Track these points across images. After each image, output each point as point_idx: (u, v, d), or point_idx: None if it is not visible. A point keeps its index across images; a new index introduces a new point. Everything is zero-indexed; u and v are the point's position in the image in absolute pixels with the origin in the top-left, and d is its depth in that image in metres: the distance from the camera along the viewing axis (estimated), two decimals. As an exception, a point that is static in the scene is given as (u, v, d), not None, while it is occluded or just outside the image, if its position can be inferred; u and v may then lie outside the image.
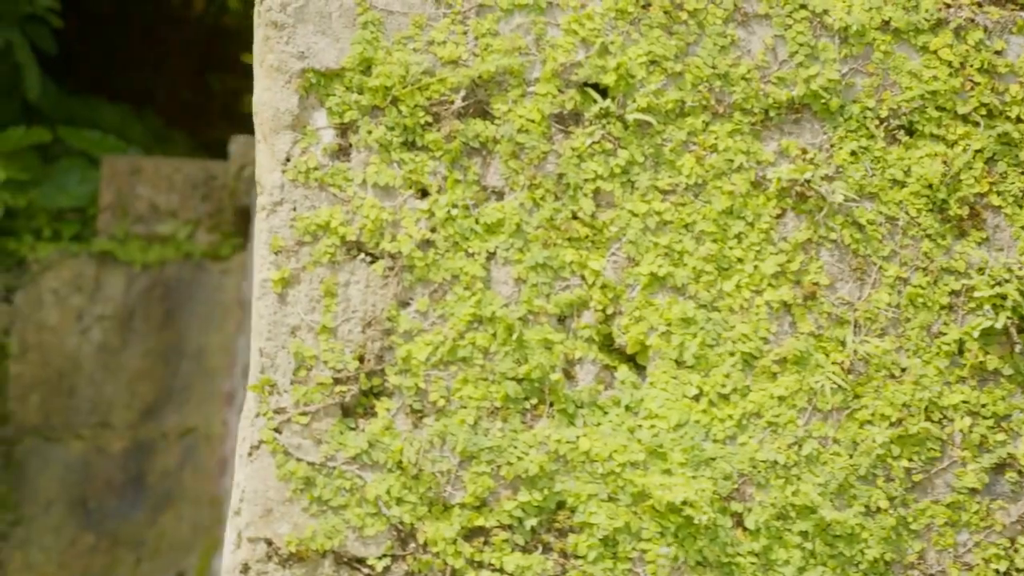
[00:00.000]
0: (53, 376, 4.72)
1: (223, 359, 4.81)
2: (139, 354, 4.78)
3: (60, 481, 4.65)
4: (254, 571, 1.05)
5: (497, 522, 1.08)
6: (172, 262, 4.87)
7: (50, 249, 4.80)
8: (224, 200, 4.98)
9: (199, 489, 4.70)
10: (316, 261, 1.10)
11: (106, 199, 4.92)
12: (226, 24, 9.10)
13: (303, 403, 1.08)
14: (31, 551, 4.58)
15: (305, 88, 1.13)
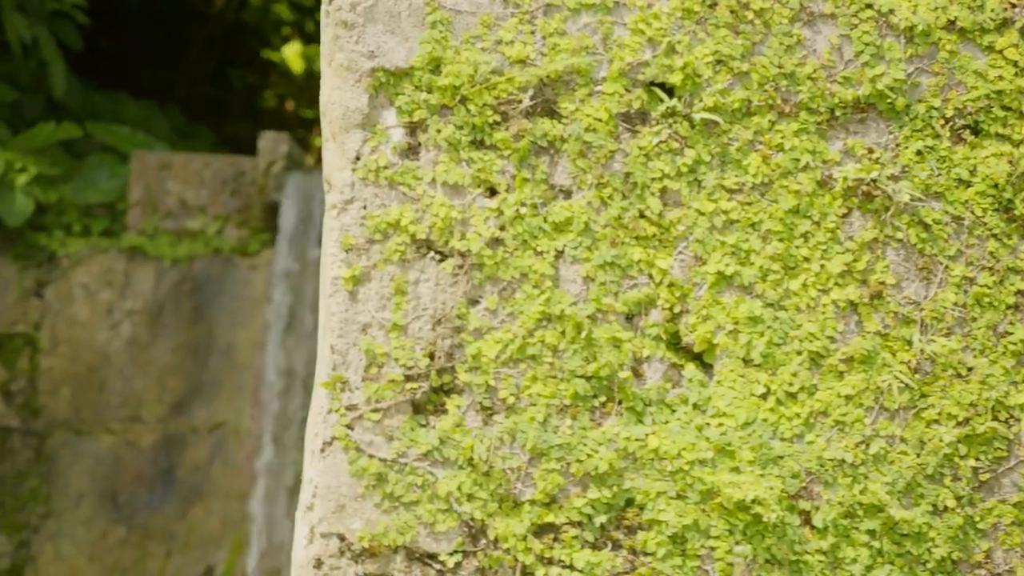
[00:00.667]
0: (83, 370, 4.75)
1: (252, 354, 4.84)
2: (169, 349, 4.81)
3: (90, 474, 4.68)
4: (327, 566, 1.05)
5: (567, 519, 1.09)
6: (201, 257, 4.89)
7: (80, 244, 4.82)
8: (253, 196, 5.00)
9: (228, 483, 4.72)
10: (386, 259, 1.11)
11: (135, 194, 4.94)
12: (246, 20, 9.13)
13: (375, 400, 1.09)
14: (62, 544, 4.61)
15: (375, 87, 1.13)
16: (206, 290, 4.88)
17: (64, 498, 4.64)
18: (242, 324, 4.85)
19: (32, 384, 4.69)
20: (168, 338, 4.80)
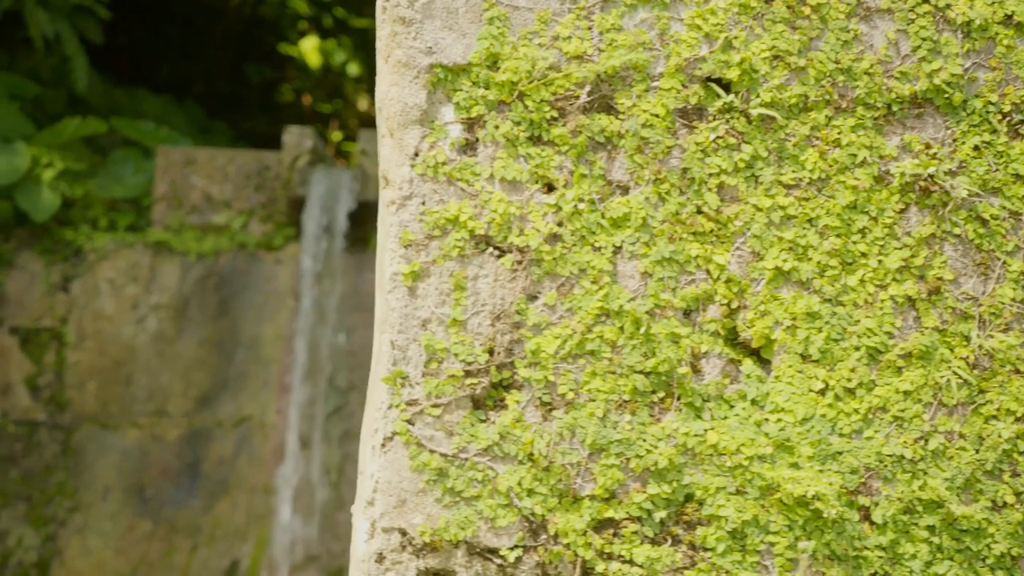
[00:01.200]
0: (110, 365, 4.77)
1: (277, 348, 4.85)
2: (194, 343, 4.82)
3: (117, 468, 4.70)
4: (388, 560, 1.06)
5: (626, 514, 1.09)
6: (226, 252, 4.90)
7: (106, 239, 4.84)
8: (277, 190, 5.01)
9: (254, 477, 4.74)
10: (445, 255, 1.11)
11: (160, 189, 4.96)
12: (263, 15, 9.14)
13: (435, 395, 1.09)
14: (89, 537, 4.63)
15: (433, 83, 1.14)
16: (231, 284, 4.89)
17: (91, 492, 4.66)
18: (267, 318, 4.87)
19: (59, 378, 4.71)
20: (193, 332, 4.82)
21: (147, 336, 4.79)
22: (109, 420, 4.72)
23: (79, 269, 4.81)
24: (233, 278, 4.91)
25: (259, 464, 4.73)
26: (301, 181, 4.81)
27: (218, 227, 4.94)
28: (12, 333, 4.74)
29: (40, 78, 6.02)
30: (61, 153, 5.03)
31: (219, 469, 4.73)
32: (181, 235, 4.89)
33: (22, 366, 4.72)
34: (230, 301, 4.88)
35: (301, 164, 4.82)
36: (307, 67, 8.98)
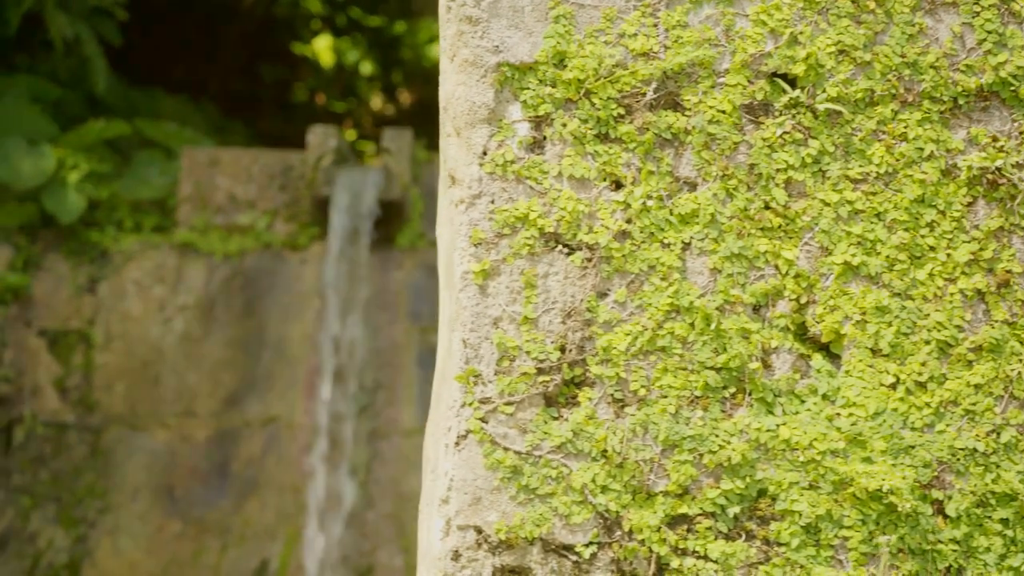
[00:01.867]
0: (137, 366, 4.78)
1: (303, 348, 4.86)
2: (221, 343, 4.84)
3: (146, 469, 4.72)
4: (465, 558, 1.06)
5: (700, 510, 1.09)
6: (251, 252, 4.92)
7: (132, 240, 4.86)
8: (301, 190, 5.02)
9: (282, 477, 4.75)
10: (516, 253, 1.12)
11: (185, 190, 4.97)
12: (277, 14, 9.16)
13: (508, 393, 1.09)
14: (119, 538, 4.65)
15: (500, 82, 1.14)
16: (257, 285, 4.91)
17: (120, 493, 4.68)
18: (293, 318, 4.88)
19: (87, 380, 4.73)
20: (220, 333, 4.83)
21: (174, 337, 4.81)
22: (137, 421, 4.74)
23: (106, 271, 4.83)
24: (259, 278, 4.92)
25: (287, 464, 4.75)
26: (326, 180, 4.82)
27: (243, 227, 4.95)
28: (40, 335, 4.76)
29: (59, 80, 6.04)
30: (86, 155, 5.05)
31: (248, 469, 4.74)
32: (206, 236, 4.90)
33: (50, 368, 4.74)
34: (256, 301, 4.90)
35: (326, 163, 4.83)
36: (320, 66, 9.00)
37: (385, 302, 4.98)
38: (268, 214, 4.97)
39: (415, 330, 4.94)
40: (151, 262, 4.85)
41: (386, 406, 4.86)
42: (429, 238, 5.05)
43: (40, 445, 4.67)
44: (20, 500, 4.60)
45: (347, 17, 9.30)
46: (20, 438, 4.66)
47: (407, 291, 4.99)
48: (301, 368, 4.82)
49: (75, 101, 6.09)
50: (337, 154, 4.91)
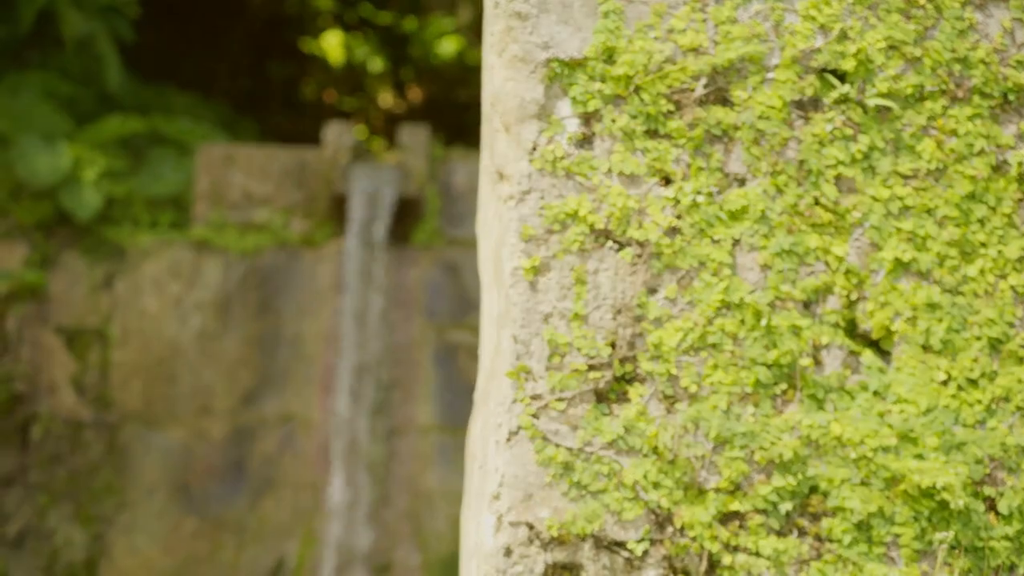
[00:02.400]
0: (154, 363, 4.78)
1: (319, 345, 4.86)
2: (237, 341, 4.83)
3: (162, 467, 4.72)
4: (516, 554, 1.06)
5: (752, 506, 1.09)
6: (267, 249, 4.92)
7: (148, 237, 4.86)
8: (317, 187, 5.01)
9: (298, 474, 4.75)
10: (566, 249, 1.11)
11: (201, 187, 4.97)
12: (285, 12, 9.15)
13: (559, 389, 1.09)
14: (136, 535, 4.66)
15: (550, 78, 1.14)
16: (273, 282, 4.90)
17: (137, 490, 4.68)
18: (309, 315, 4.88)
19: (104, 377, 4.73)
20: (236, 330, 4.83)
21: (191, 334, 4.80)
22: (154, 418, 4.74)
23: (122, 268, 4.83)
24: (275, 275, 4.92)
25: (304, 461, 4.75)
26: (342, 177, 4.81)
27: (259, 224, 4.95)
28: (57, 333, 4.76)
29: (71, 77, 6.04)
30: (101, 152, 5.05)
31: (264, 466, 4.74)
32: (223, 233, 4.90)
33: (67, 365, 4.74)
34: (272, 298, 4.90)
35: (342, 160, 4.83)
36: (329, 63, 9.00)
37: (401, 299, 4.98)
38: (284, 211, 4.97)
39: (431, 327, 4.94)
40: (167, 259, 4.85)
41: (402, 403, 4.86)
42: (445, 235, 5.04)
43: (57, 443, 4.68)
44: (37, 498, 4.61)
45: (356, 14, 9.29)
46: (37, 436, 4.67)
47: (423, 288, 4.99)
48: (317, 365, 4.82)
49: (87, 98, 6.09)
50: (353, 151, 4.91)
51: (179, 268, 4.86)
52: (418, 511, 4.77)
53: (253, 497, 4.70)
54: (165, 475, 4.69)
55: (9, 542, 4.57)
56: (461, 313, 4.97)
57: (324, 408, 4.79)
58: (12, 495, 4.62)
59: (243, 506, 4.69)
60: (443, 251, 5.02)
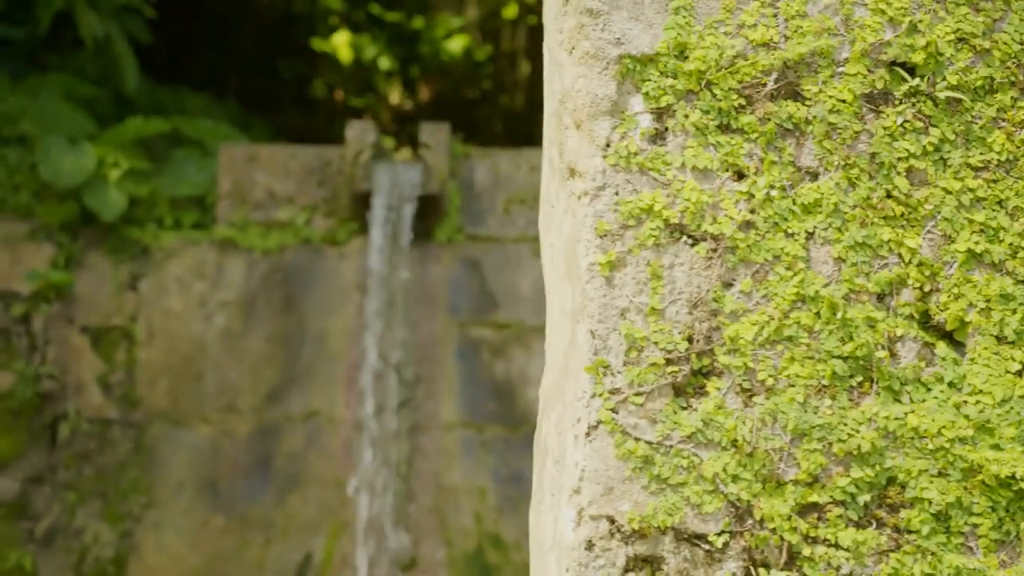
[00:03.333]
0: (179, 361, 4.80)
1: (343, 343, 4.87)
2: (262, 338, 4.85)
3: (189, 464, 4.74)
4: (598, 548, 1.07)
5: (830, 498, 1.10)
6: (291, 247, 4.93)
7: (172, 237, 4.87)
8: (339, 185, 5.02)
9: (324, 471, 4.77)
10: (641, 244, 1.12)
11: (224, 187, 4.98)
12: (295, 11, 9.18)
13: (637, 383, 1.10)
14: (164, 532, 4.68)
15: (622, 74, 1.14)
16: (296, 280, 4.92)
17: (164, 488, 4.70)
18: (333, 313, 4.89)
19: (130, 376, 4.75)
20: (261, 328, 4.84)
21: (215, 332, 4.82)
22: (180, 417, 4.76)
23: (147, 267, 4.85)
24: (298, 273, 4.93)
25: (329, 458, 4.76)
26: (364, 175, 4.82)
27: (282, 223, 4.97)
28: (83, 332, 4.78)
29: (87, 79, 6.06)
30: (124, 152, 5.06)
31: (290, 463, 4.76)
32: (246, 232, 4.92)
33: (94, 365, 4.76)
34: (296, 296, 4.91)
35: (364, 158, 4.84)
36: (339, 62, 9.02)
37: (424, 296, 4.99)
38: (306, 210, 4.98)
39: (454, 324, 4.95)
40: (191, 258, 4.87)
41: (426, 400, 4.87)
42: (467, 232, 5.05)
43: (85, 441, 4.70)
44: (66, 496, 4.63)
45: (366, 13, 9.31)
46: (65, 434, 4.69)
47: (446, 285, 5.00)
48: (341, 362, 4.83)
49: (103, 99, 6.11)
50: (374, 149, 4.92)
51: (203, 267, 4.88)
52: (443, 507, 4.78)
53: (279, 494, 4.72)
54: (192, 472, 4.71)
55: (39, 540, 4.60)
56: (484, 309, 4.98)
57: (348, 405, 4.80)
58: (41, 493, 4.65)
59: (269, 503, 4.70)
60: (465, 248, 5.03)
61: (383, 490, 4.65)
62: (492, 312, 4.97)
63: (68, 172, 4.68)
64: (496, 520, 4.80)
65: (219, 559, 4.66)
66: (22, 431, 4.65)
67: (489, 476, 4.82)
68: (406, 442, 4.79)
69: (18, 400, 4.63)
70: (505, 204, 5.11)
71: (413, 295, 4.94)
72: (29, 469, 4.64)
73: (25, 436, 4.65)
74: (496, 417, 4.90)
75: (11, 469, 4.63)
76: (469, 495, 4.82)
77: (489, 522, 4.80)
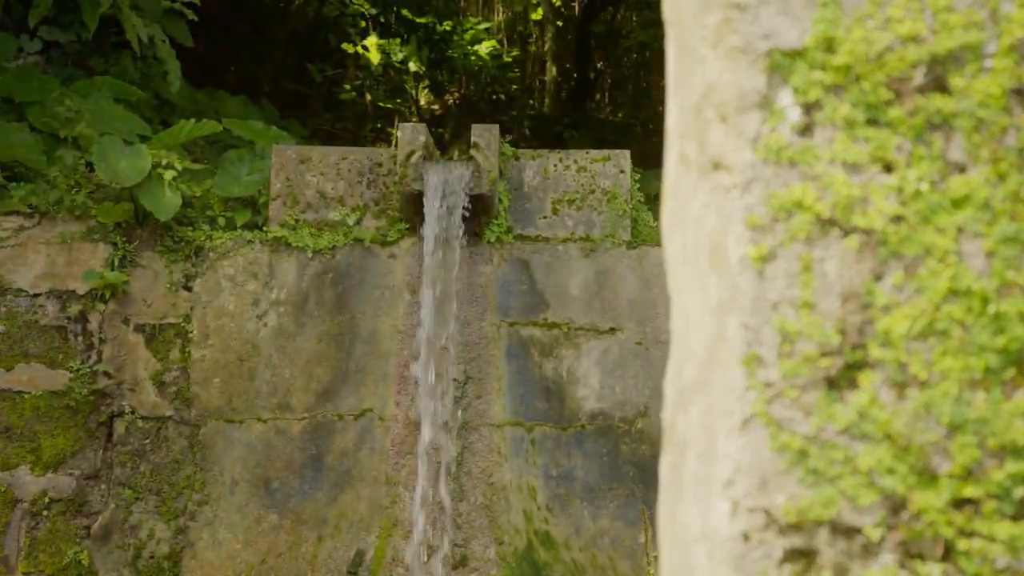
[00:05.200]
0: (233, 360, 4.84)
1: (394, 342, 4.89)
2: (314, 338, 4.88)
3: (243, 462, 4.77)
4: (755, 540, 1.07)
5: (985, 492, 1.09)
6: (342, 247, 4.96)
7: (225, 237, 4.91)
8: (389, 186, 5.05)
9: (376, 469, 4.79)
10: (792, 237, 1.12)
11: (276, 187, 5.02)
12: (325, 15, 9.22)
13: (790, 376, 1.10)
14: (218, 529, 4.71)
15: (771, 68, 1.15)
16: (348, 280, 4.95)
17: (219, 485, 4.73)
18: (384, 312, 4.91)
19: (184, 374, 4.79)
20: (313, 327, 4.87)
21: (268, 332, 4.86)
22: (234, 415, 4.79)
23: (200, 267, 4.89)
24: (350, 273, 4.96)
25: (381, 456, 4.78)
26: (416, 176, 4.84)
27: (333, 223, 5.00)
28: (138, 331, 4.82)
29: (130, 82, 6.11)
30: (177, 154, 5.10)
31: (342, 461, 4.78)
32: (298, 232, 4.95)
33: (148, 363, 4.80)
34: (347, 296, 4.94)
35: (415, 159, 4.86)
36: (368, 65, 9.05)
37: (473, 296, 5.00)
38: (357, 210, 5.01)
39: (504, 324, 4.96)
40: (244, 258, 4.90)
41: (476, 398, 4.89)
42: (516, 232, 5.06)
43: (140, 439, 4.74)
44: (122, 492, 4.67)
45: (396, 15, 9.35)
46: (121, 432, 4.73)
47: (495, 285, 5.01)
48: (392, 361, 4.86)
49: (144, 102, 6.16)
50: (425, 149, 4.94)
51: (256, 267, 4.91)
52: (493, 505, 4.79)
53: (332, 491, 4.74)
54: (245, 470, 4.74)
55: (95, 536, 4.64)
56: (533, 309, 4.99)
57: (399, 403, 4.82)
58: (97, 490, 4.69)
59: (322, 500, 4.73)
60: (514, 248, 5.05)
61: (436, 488, 4.66)
62: (541, 312, 4.98)
63: (125, 173, 4.72)
64: (546, 518, 4.81)
65: (272, 556, 4.69)
66: (79, 428, 4.69)
67: (539, 474, 4.83)
68: (457, 440, 4.81)
69: (75, 398, 4.68)
70: (554, 204, 5.11)
71: (463, 295, 4.95)
72: (85, 466, 4.67)
73: (82, 433, 4.69)
74: (545, 416, 4.91)
75: (68, 466, 4.67)
76: (519, 493, 4.83)
77: (539, 520, 4.81)
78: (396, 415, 4.83)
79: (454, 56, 9.90)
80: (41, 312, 4.77)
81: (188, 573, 4.65)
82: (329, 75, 9.23)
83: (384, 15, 9.63)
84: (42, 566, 4.61)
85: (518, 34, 10.36)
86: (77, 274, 4.80)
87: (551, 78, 10.19)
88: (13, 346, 4.72)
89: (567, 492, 4.86)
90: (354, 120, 9.11)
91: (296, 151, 5.13)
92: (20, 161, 5.07)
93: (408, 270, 4.98)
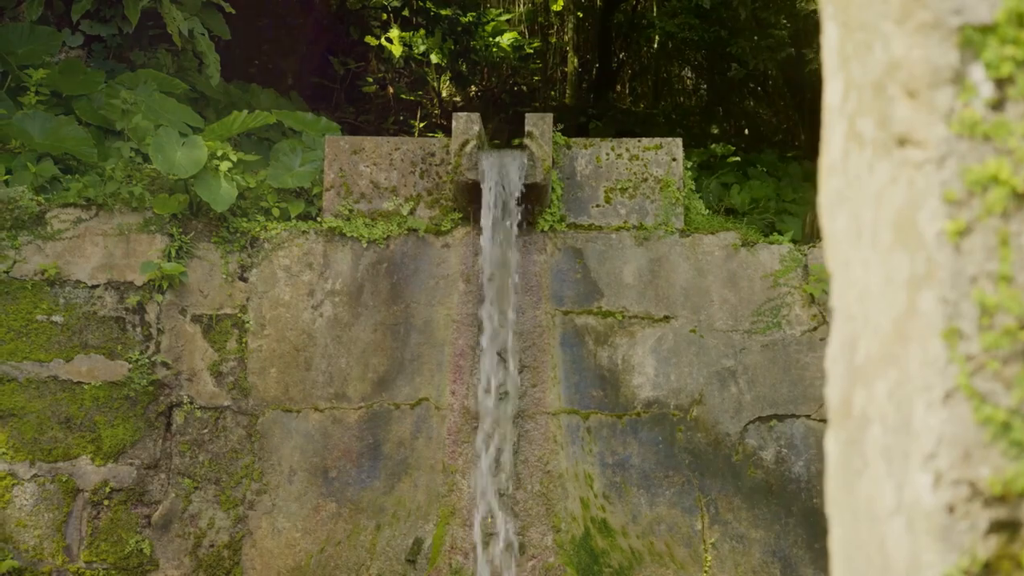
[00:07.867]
0: (289, 350, 4.85)
1: (449, 331, 4.90)
2: (369, 327, 4.89)
3: (301, 451, 4.79)
4: (960, 512, 1.08)
5: None
6: (396, 237, 4.97)
7: (280, 228, 4.93)
8: (442, 176, 5.06)
9: (432, 457, 4.80)
10: (988, 211, 1.13)
11: (329, 178, 5.03)
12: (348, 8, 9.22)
13: (991, 349, 1.11)
14: (277, 518, 4.73)
15: (962, 43, 1.15)
16: (402, 269, 4.96)
17: (277, 474, 4.75)
18: (438, 301, 4.93)
19: (241, 364, 4.81)
20: (368, 317, 4.89)
21: (324, 321, 4.87)
22: (291, 404, 4.81)
23: (256, 258, 4.90)
24: (404, 263, 4.97)
25: (437, 444, 4.80)
26: (470, 165, 4.85)
27: (387, 213, 5.01)
28: (195, 321, 4.84)
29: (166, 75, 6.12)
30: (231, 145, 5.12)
31: (399, 450, 4.80)
32: (352, 222, 4.96)
33: (206, 353, 4.82)
34: (402, 285, 4.95)
35: (469, 148, 4.86)
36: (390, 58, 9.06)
37: (528, 285, 5.01)
38: (410, 200, 5.02)
39: (558, 312, 4.97)
40: (299, 249, 4.92)
41: (531, 387, 4.90)
42: (569, 221, 5.07)
43: (199, 428, 4.76)
44: (181, 482, 4.70)
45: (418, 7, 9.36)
46: (179, 422, 4.75)
47: (549, 274, 5.02)
48: (447, 350, 4.87)
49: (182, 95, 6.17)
50: (479, 139, 4.95)
51: (311, 257, 4.93)
52: (550, 492, 4.81)
53: (389, 480, 4.76)
54: (303, 459, 4.76)
55: (155, 525, 4.67)
56: (587, 298, 5.00)
57: (455, 392, 4.83)
58: (157, 480, 4.72)
59: (379, 488, 4.75)
60: (567, 237, 5.05)
61: (494, 477, 4.67)
62: (595, 300, 4.99)
63: (181, 164, 4.74)
64: (603, 506, 4.83)
65: (331, 544, 4.71)
66: (138, 419, 4.72)
67: (595, 462, 4.84)
68: (513, 429, 4.82)
69: (134, 388, 4.70)
70: (606, 193, 5.12)
71: (517, 284, 4.96)
72: (145, 456, 4.70)
73: (141, 423, 4.72)
74: (600, 404, 4.92)
75: (128, 456, 4.70)
76: (575, 481, 4.84)
77: (596, 507, 4.83)
78: (452, 404, 4.84)
79: (476, 48, 9.91)
80: (99, 303, 4.80)
81: (248, 562, 4.68)
82: (352, 68, 9.25)
83: (406, 7, 9.64)
84: (104, 555, 4.65)
85: (539, 25, 10.36)
86: (134, 265, 4.82)
87: (572, 69, 10.19)
88: (72, 337, 4.75)
89: (623, 480, 4.87)
90: (376, 112, 9.13)
91: (349, 141, 5.13)
92: (71, 154, 5.09)
93: (462, 259, 4.99)
